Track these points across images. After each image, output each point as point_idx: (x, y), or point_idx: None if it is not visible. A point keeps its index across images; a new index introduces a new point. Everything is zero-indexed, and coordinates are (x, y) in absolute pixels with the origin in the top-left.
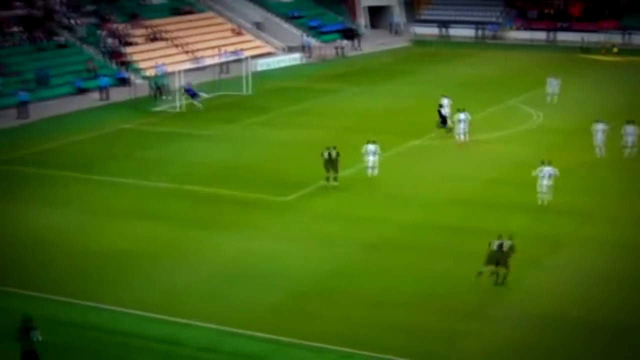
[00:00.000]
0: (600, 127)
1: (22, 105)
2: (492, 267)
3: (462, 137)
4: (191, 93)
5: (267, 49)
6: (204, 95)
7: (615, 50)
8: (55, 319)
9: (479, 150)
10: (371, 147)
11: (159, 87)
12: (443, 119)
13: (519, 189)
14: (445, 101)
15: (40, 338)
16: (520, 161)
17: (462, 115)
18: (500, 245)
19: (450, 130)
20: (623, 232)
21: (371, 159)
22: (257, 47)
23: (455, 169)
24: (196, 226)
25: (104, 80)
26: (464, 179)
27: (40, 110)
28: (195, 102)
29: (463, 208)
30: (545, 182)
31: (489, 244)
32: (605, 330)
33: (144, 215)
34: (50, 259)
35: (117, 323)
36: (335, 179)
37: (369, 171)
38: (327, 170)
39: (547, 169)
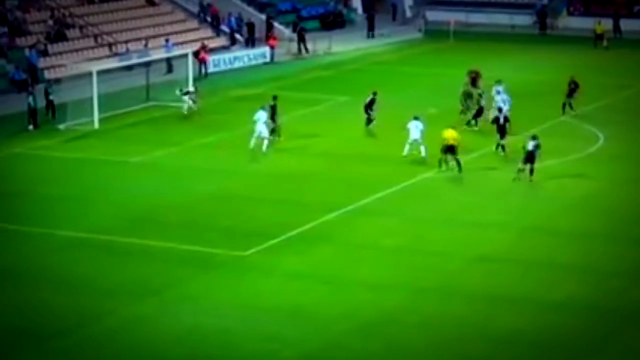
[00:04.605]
0: None
1: None
2: None
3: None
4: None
5: (219, 41)
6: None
7: None
8: None
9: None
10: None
11: (50, 100)
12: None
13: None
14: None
15: None
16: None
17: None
18: None
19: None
20: None
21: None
22: (205, 38)
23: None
24: (119, 295)
25: None
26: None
27: None
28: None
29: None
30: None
31: None
32: None
33: (43, 279)
34: None
35: None
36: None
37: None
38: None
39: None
